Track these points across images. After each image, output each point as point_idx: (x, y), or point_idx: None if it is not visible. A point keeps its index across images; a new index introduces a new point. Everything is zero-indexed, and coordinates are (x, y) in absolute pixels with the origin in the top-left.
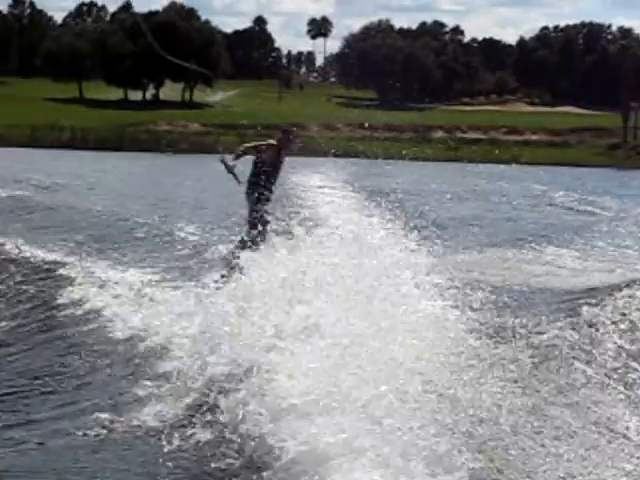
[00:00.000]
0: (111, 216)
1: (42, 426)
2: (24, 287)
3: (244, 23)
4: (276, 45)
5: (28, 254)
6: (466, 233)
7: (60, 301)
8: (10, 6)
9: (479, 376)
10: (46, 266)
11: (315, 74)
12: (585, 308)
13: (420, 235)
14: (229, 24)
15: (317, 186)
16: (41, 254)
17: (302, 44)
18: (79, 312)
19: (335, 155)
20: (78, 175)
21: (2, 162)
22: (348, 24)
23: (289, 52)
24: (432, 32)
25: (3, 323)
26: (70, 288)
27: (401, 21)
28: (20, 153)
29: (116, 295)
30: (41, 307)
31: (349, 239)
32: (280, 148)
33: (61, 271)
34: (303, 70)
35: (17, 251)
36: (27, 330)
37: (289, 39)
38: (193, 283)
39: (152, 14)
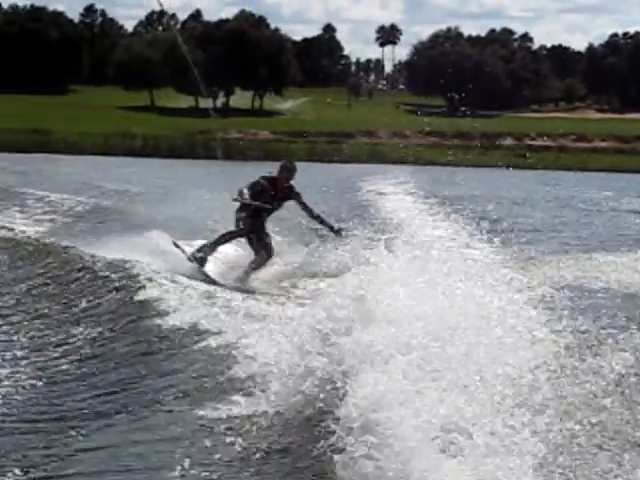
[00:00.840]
0: (194, 221)
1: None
2: (111, 282)
3: (312, 31)
4: (345, 53)
5: (111, 256)
6: (544, 238)
7: (143, 299)
8: (82, 15)
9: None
10: (131, 267)
11: (384, 81)
12: None
13: (500, 239)
14: (297, 31)
15: (391, 192)
16: (121, 256)
17: (370, 51)
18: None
19: (405, 162)
20: (153, 182)
21: (77, 169)
22: (416, 31)
23: (357, 60)
24: (501, 39)
25: (95, 317)
26: (154, 289)
27: (469, 28)
28: (93, 161)
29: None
30: (130, 305)
31: (431, 244)
32: (275, 183)
33: (147, 274)
34: (372, 77)
35: (102, 255)
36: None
37: (357, 46)
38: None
39: (223, 22)
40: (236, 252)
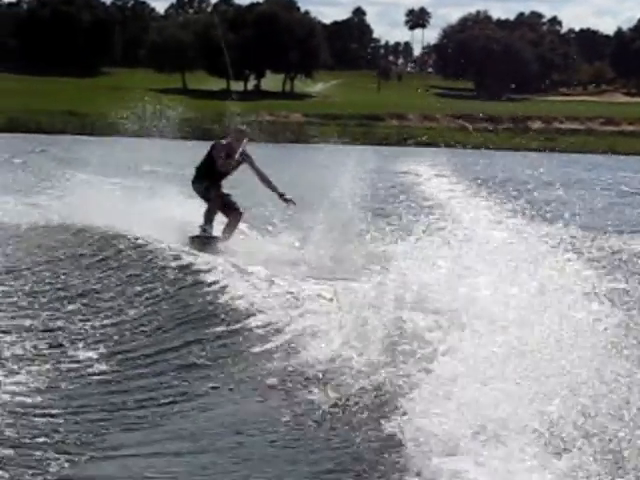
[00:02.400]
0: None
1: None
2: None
3: (340, 13)
4: (374, 36)
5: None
6: (585, 218)
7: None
8: None
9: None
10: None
11: (412, 64)
12: None
13: (546, 220)
14: (325, 14)
15: (429, 175)
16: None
17: (397, 33)
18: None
19: (435, 145)
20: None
21: (115, 151)
22: (444, 13)
23: (386, 43)
24: (529, 23)
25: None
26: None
27: (498, 11)
28: (131, 143)
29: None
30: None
31: (483, 226)
32: (230, 147)
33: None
34: (400, 60)
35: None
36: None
37: (384, 28)
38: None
39: (254, 5)
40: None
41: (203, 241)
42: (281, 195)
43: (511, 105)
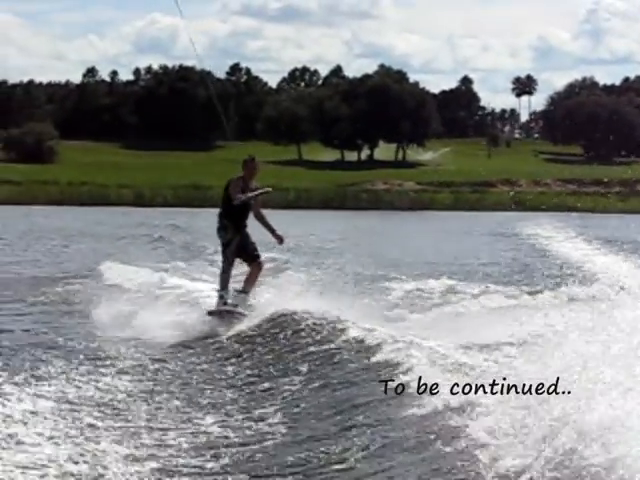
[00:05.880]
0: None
1: None
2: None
3: (448, 81)
4: (481, 104)
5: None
6: None
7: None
8: (227, 73)
9: None
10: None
11: (519, 130)
12: None
13: None
14: (432, 82)
15: (549, 236)
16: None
17: (501, 99)
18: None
19: (547, 209)
20: (326, 234)
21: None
22: (546, 78)
23: (493, 110)
24: (635, 87)
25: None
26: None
27: (602, 75)
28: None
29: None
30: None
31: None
32: (245, 180)
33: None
34: (507, 127)
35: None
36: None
37: (489, 95)
38: None
39: (366, 77)
40: None
41: (225, 315)
42: (273, 231)
43: (620, 169)
